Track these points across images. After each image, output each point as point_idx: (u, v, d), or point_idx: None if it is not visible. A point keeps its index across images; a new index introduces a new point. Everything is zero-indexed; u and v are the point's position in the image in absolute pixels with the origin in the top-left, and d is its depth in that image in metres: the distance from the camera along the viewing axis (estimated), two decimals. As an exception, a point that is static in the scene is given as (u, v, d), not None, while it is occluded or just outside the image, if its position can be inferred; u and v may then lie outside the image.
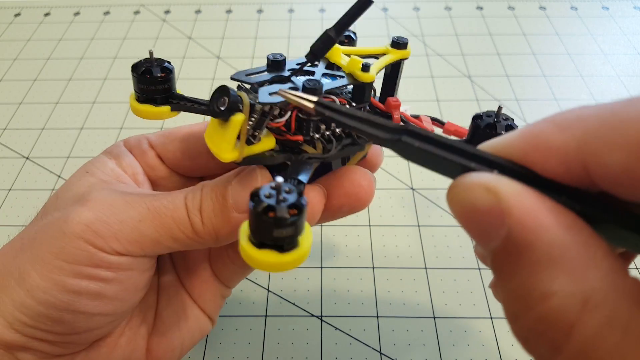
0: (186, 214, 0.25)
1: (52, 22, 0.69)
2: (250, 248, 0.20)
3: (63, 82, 0.59)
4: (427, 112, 0.30)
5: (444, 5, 0.71)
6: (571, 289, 0.14)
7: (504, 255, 0.16)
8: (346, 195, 0.27)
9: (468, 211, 0.17)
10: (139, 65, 0.27)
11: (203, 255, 0.33)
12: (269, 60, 0.26)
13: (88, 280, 0.24)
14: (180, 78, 0.60)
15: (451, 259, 0.42)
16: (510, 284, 0.16)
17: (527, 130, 0.17)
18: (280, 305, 0.40)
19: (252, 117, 0.23)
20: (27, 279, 0.24)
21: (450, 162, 0.18)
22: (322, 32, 0.24)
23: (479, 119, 0.27)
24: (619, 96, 0.57)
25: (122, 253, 0.25)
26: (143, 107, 0.28)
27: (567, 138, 0.16)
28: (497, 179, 0.16)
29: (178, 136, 0.31)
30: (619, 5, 0.70)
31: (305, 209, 0.20)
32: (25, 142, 0.52)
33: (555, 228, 0.15)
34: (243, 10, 0.70)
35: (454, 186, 0.17)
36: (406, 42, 0.29)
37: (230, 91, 0.22)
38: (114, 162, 0.30)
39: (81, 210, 0.25)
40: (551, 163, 0.17)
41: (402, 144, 0.19)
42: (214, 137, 0.24)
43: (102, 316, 0.26)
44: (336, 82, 0.26)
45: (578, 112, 0.16)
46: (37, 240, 0.25)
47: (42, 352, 0.25)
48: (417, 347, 0.37)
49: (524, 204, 0.16)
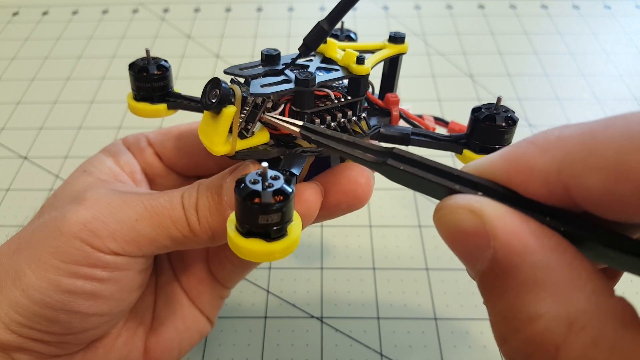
0: (183, 212, 0.25)
1: (50, 21, 0.68)
2: (237, 237, 0.20)
3: (61, 82, 0.59)
4: (428, 111, 0.30)
5: (445, 4, 0.70)
6: (557, 311, 0.14)
7: (490, 277, 0.16)
8: (343, 193, 0.27)
9: (454, 233, 0.17)
10: (135, 64, 0.27)
11: (201, 255, 0.32)
12: (263, 55, 0.26)
13: (84, 280, 0.24)
14: (180, 77, 0.59)
15: (453, 259, 0.42)
16: (498, 306, 0.16)
17: (510, 152, 0.18)
18: (280, 307, 0.39)
19: (244, 110, 0.23)
20: (23, 278, 0.24)
21: (435, 185, 0.18)
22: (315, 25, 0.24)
23: (478, 112, 0.26)
24: (621, 95, 0.57)
25: (119, 253, 0.25)
26: (140, 105, 0.28)
27: (548, 160, 0.16)
28: (482, 200, 0.17)
29: (175, 134, 0.31)
30: (621, 4, 0.70)
31: (291, 195, 0.19)
32: (23, 142, 0.52)
33: (539, 250, 0.15)
34: (242, 9, 0.70)
35: (440, 208, 0.18)
36: (403, 36, 0.28)
37: (222, 83, 0.22)
38: (112, 160, 0.30)
39: (78, 209, 0.24)
40: (534, 185, 0.17)
41: (387, 167, 0.19)
42: (206, 130, 0.24)
43: (98, 316, 0.26)
44: (330, 74, 0.25)
45: (558, 133, 0.16)
46: (33, 239, 0.25)
47: (38, 352, 0.25)
48: (418, 349, 0.37)
49: (509, 225, 0.16)
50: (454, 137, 0.27)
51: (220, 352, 0.37)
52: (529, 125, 0.53)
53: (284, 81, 0.24)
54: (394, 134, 0.28)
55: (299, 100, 0.24)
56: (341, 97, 0.26)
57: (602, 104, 0.56)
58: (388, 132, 0.28)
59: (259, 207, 0.19)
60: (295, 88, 0.24)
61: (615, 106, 0.55)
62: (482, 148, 0.26)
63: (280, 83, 0.24)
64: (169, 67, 0.28)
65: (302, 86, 0.24)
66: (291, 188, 0.20)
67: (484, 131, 0.26)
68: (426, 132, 0.28)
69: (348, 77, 0.26)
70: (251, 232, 0.20)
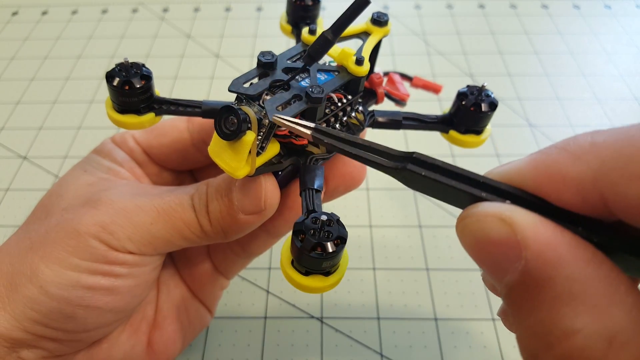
0: (194, 215, 0.26)
1: (49, 20, 0.68)
2: (297, 276, 0.21)
3: (61, 82, 0.59)
4: (429, 111, 0.30)
5: (445, 4, 0.70)
6: (595, 326, 0.14)
7: (520, 290, 0.15)
8: (341, 176, 0.28)
9: (481, 243, 0.16)
10: (114, 76, 0.24)
11: (203, 247, 0.33)
12: (260, 61, 0.25)
13: (102, 276, 0.25)
14: (179, 77, 0.59)
15: (453, 260, 0.42)
16: (528, 320, 0.15)
17: (539, 159, 0.17)
18: (280, 307, 0.39)
19: (261, 132, 0.23)
20: (40, 275, 0.24)
21: (459, 192, 0.17)
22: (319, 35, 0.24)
23: (465, 98, 0.28)
24: (622, 95, 0.56)
25: (136, 253, 0.26)
26: (126, 119, 0.25)
27: (582, 168, 0.15)
28: (512, 209, 0.16)
29: (160, 132, 0.31)
30: (622, 4, 0.70)
31: (347, 237, 0.20)
32: (22, 141, 0.52)
33: (575, 261, 0.14)
34: (242, 9, 0.70)
35: (465, 216, 0.17)
36: (387, 19, 0.29)
37: (238, 111, 0.21)
38: (108, 159, 0.30)
39: (95, 213, 0.25)
40: (566, 194, 0.16)
41: (407, 172, 0.18)
42: (222, 155, 0.23)
43: (114, 312, 0.26)
44: (334, 80, 0.26)
45: (591, 140, 0.16)
46: (48, 239, 0.25)
47: (46, 350, 0.25)
48: (418, 349, 0.37)
49: (542, 235, 0.15)
50: (440, 118, 0.29)
51: (220, 352, 0.37)
52: (529, 125, 0.53)
53: (294, 97, 0.24)
54: (387, 120, 0.29)
55: (310, 115, 0.25)
56: (342, 98, 0.26)
57: (603, 103, 0.55)
58: (382, 119, 0.29)
59: (322, 256, 0.20)
60: (310, 106, 0.24)
61: (615, 106, 0.55)
62: (467, 130, 0.28)
63: (292, 99, 0.24)
64: (151, 75, 0.25)
65: (315, 103, 0.24)
66: (345, 230, 0.21)
67: (471, 116, 0.28)
68: (415, 116, 0.29)
69: (350, 80, 0.26)
70: (311, 271, 0.21)
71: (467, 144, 0.29)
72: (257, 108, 0.24)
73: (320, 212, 0.21)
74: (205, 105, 0.26)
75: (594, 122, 0.53)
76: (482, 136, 0.29)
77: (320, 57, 0.25)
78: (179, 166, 0.33)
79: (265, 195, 0.25)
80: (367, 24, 0.29)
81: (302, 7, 0.31)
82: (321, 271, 0.21)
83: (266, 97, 0.24)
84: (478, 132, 0.29)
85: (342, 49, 0.26)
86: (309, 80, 0.26)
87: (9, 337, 0.24)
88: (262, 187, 0.25)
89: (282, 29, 0.32)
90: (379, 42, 0.29)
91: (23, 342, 0.24)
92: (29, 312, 0.24)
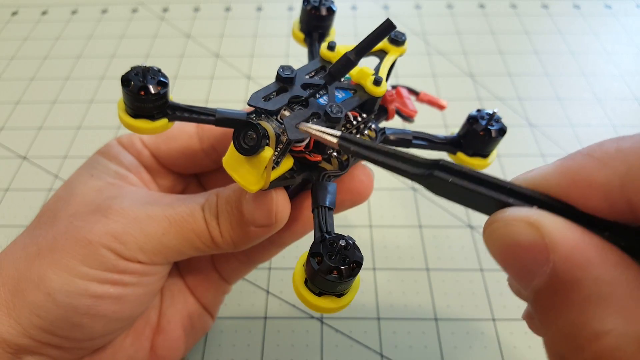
0: (205, 226, 0.26)
1: (49, 20, 0.68)
2: (310, 296, 0.21)
3: (60, 81, 0.59)
4: (429, 110, 0.30)
5: (445, 4, 0.70)
6: (626, 327, 0.14)
7: (549, 293, 0.15)
8: (348, 191, 0.29)
9: (509, 247, 0.16)
10: (130, 80, 0.24)
11: (207, 255, 0.32)
12: (280, 76, 0.25)
13: (111, 285, 0.25)
14: (179, 77, 0.59)
15: (453, 260, 0.42)
16: (558, 322, 0.15)
17: (566, 165, 0.17)
18: (280, 307, 0.39)
19: (278, 148, 0.23)
20: (48, 282, 0.24)
21: (486, 198, 0.17)
22: (342, 56, 0.24)
23: (475, 123, 0.28)
24: (622, 95, 0.56)
25: (146, 263, 0.26)
26: (139, 124, 0.25)
27: (609, 174, 0.16)
28: (539, 213, 0.16)
29: (168, 135, 0.31)
30: (622, 4, 0.70)
31: (362, 262, 0.21)
32: (22, 141, 0.52)
33: (603, 263, 0.15)
34: (242, 8, 0.70)
35: (492, 222, 0.17)
36: (405, 39, 0.29)
37: (258, 126, 0.22)
38: (115, 163, 0.30)
39: (106, 222, 0.25)
40: (593, 200, 0.16)
41: (435, 179, 0.18)
42: (238, 169, 0.23)
43: (120, 320, 0.26)
44: (352, 100, 0.26)
45: (617, 145, 0.16)
46: (57, 246, 0.25)
47: (50, 357, 0.25)
48: (418, 350, 0.36)
49: (570, 239, 0.15)
50: (448, 140, 0.30)
51: (220, 352, 0.37)
52: (530, 125, 0.53)
53: (313, 114, 0.24)
54: (397, 138, 0.29)
55: None
56: (358, 117, 0.27)
57: (603, 103, 0.55)
58: (393, 137, 0.29)
59: (338, 280, 0.20)
60: (328, 125, 0.24)
61: (616, 106, 0.55)
62: (475, 153, 0.29)
63: (311, 117, 0.24)
64: (168, 82, 0.25)
65: (334, 123, 0.24)
66: (361, 255, 0.21)
67: (480, 141, 0.28)
68: (425, 136, 0.30)
69: (367, 99, 0.26)
70: (324, 292, 0.21)
71: (474, 166, 0.29)
72: (276, 124, 0.24)
73: (336, 235, 0.21)
74: (220, 113, 0.25)
75: (594, 121, 0.53)
76: (488, 159, 0.29)
77: (341, 77, 0.25)
78: (186, 170, 0.33)
79: (276, 209, 0.25)
80: (384, 42, 0.29)
81: (317, 16, 0.31)
82: (334, 293, 0.21)
83: (285, 112, 0.24)
84: (485, 156, 0.29)
85: (360, 68, 0.26)
86: (326, 97, 0.26)
87: (13, 343, 0.24)
88: (274, 201, 0.25)
89: (295, 36, 0.32)
90: (394, 62, 0.29)
91: (27, 349, 0.24)
92: (35, 318, 0.24)
